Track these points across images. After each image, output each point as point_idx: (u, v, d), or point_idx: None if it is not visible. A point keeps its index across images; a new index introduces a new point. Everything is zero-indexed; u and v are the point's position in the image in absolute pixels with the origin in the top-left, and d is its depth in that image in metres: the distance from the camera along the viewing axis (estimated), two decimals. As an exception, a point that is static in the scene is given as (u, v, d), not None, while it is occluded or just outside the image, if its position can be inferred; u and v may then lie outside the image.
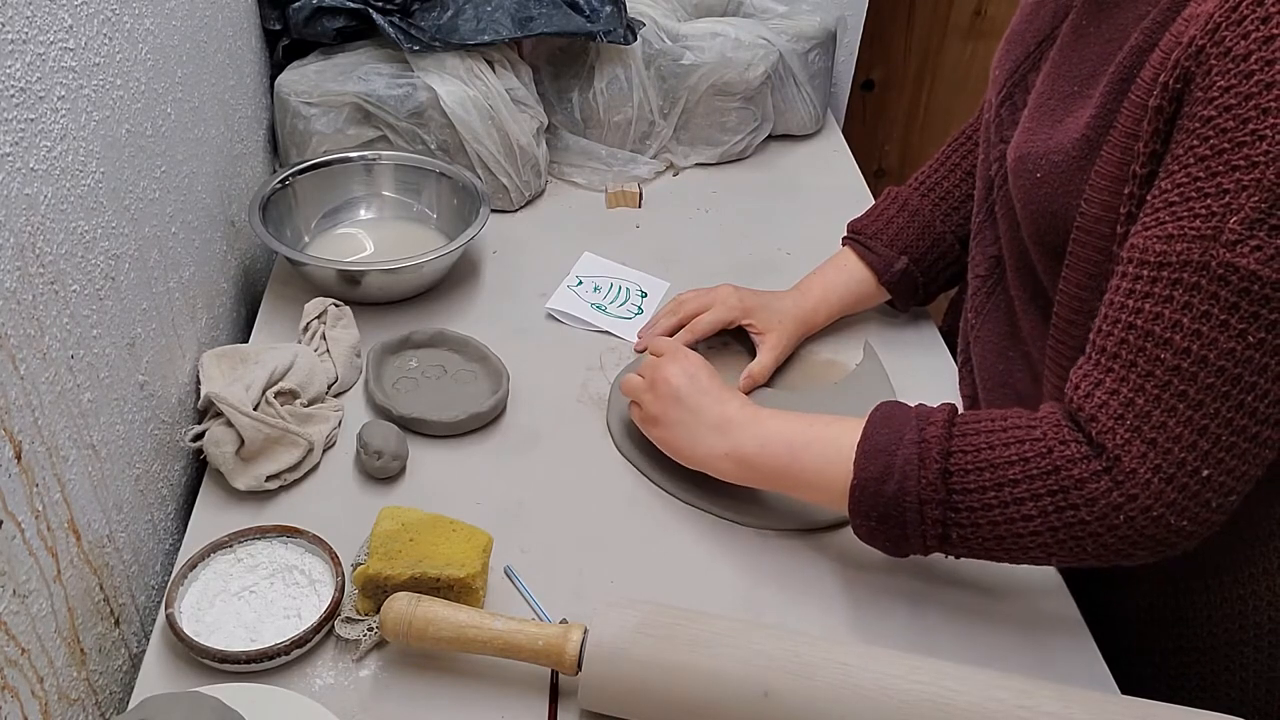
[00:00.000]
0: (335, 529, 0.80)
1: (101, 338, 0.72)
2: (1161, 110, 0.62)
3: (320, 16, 1.16)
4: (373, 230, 1.16)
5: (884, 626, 0.77)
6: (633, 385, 0.87)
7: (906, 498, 0.69)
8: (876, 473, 0.70)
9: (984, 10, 1.79)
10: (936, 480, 0.68)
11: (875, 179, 1.95)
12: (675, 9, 1.33)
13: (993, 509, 0.67)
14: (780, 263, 1.16)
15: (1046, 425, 0.67)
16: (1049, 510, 0.65)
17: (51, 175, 0.65)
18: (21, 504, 0.61)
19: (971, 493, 0.67)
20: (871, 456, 0.71)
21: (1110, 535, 0.64)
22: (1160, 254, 0.62)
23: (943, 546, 0.70)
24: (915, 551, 0.72)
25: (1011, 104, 0.82)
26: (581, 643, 0.68)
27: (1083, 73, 0.72)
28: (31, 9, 0.62)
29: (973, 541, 0.68)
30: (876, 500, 0.70)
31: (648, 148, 1.30)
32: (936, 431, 0.69)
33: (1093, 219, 0.69)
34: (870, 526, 0.72)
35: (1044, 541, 0.66)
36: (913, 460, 0.69)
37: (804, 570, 0.81)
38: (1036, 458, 0.66)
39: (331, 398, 0.94)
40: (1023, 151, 0.75)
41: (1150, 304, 0.62)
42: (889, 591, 0.80)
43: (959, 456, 0.68)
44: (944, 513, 0.68)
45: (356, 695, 0.71)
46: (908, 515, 0.69)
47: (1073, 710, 0.63)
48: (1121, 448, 0.63)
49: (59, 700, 0.66)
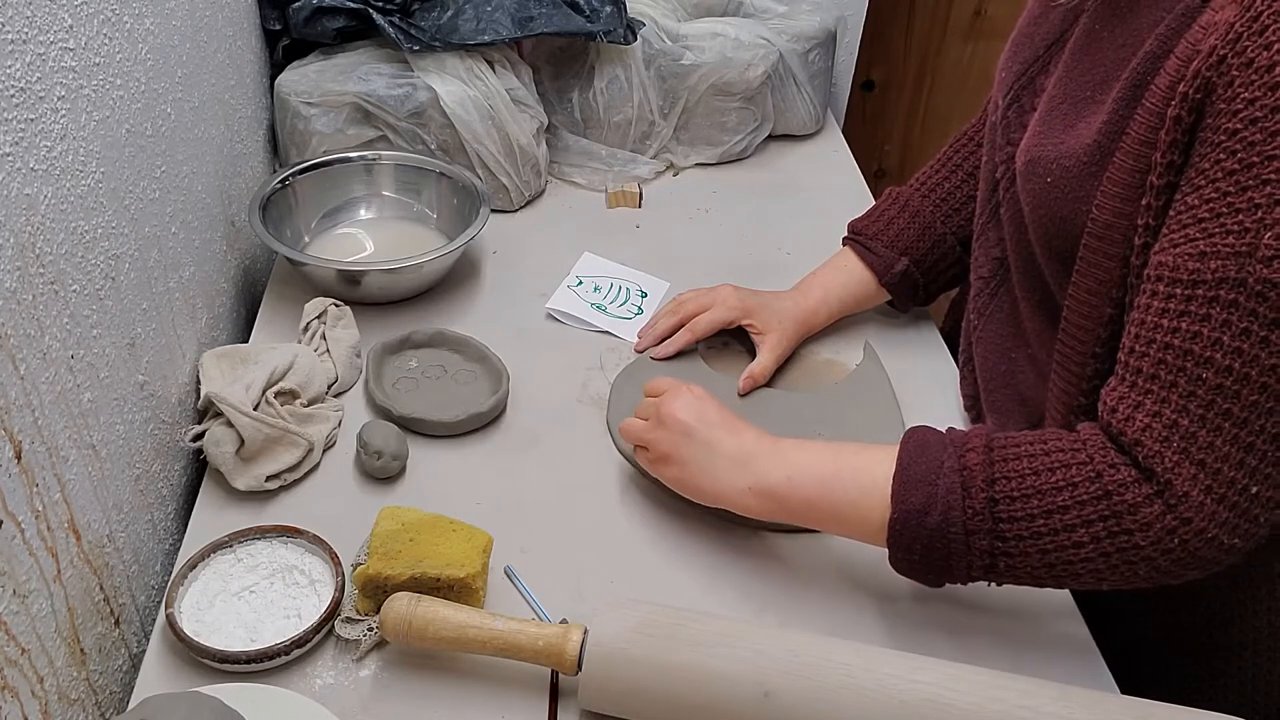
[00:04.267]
0: (335, 529, 0.80)
1: (101, 338, 0.72)
2: (1181, 120, 0.61)
3: (320, 16, 1.16)
4: (373, 230, 1.16)
5: (884, 626, 0.77)
6: (635, 428, 0.82)
7: (951, 529, 0.67)
8: (918, 505, 0.68)
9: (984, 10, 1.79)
10: (983, 510, 0.66)
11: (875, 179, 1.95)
12: (675, 9, 1.33)
13: (1042, 536, 0.65)
14: (780, 263, 1.16)
15: (1092, 449, 0.65)
16: (1101, 536, 0.64)
17: (51, 175, 0.65)
18: (21, 504, 0.61)
19: (1019, 521, 0.65)
20: (911, 488, 0.68)
21: (1164, 558, 0.63)
22: (1193, 272, 0.61)
23: (988, 576, 0.68)
24: (958, 581, 0.70)
25: (1019, 106, 0.82)
26: (581, 643, 0.68)
27: (1095, 77, 0.72)
28: (31, 9, 0.62)
29: (1021, 570, 0.67)
30: (919, 533, 0.68)
31: (648, 148, 1.30)
32: (977, 459, 0.67)
33: (1104, 225, 0.69)
34: (912, 560, 0.69)
35: (1096, 567, 0.65)
36: (956, 490, 0.67)
37: (804, 570, 0.81)
38: (1085, 483, 0.64)
39: (331, 398, 0.94)
40: (1033, 155, 0.75)
41: (1187, 323, 0.61)
42: (889, 592, 0.80)
43: (1003, 484, 0.66)
44: (991, 542, 0.66)
45: (356, 695, 0.71)
46: (953, 547, 0.67)
47: (1073, 710, 0.63)
48: (1171, 471, 0.62)
49: (59, 700, 0.66)
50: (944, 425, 0.94)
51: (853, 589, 0.80)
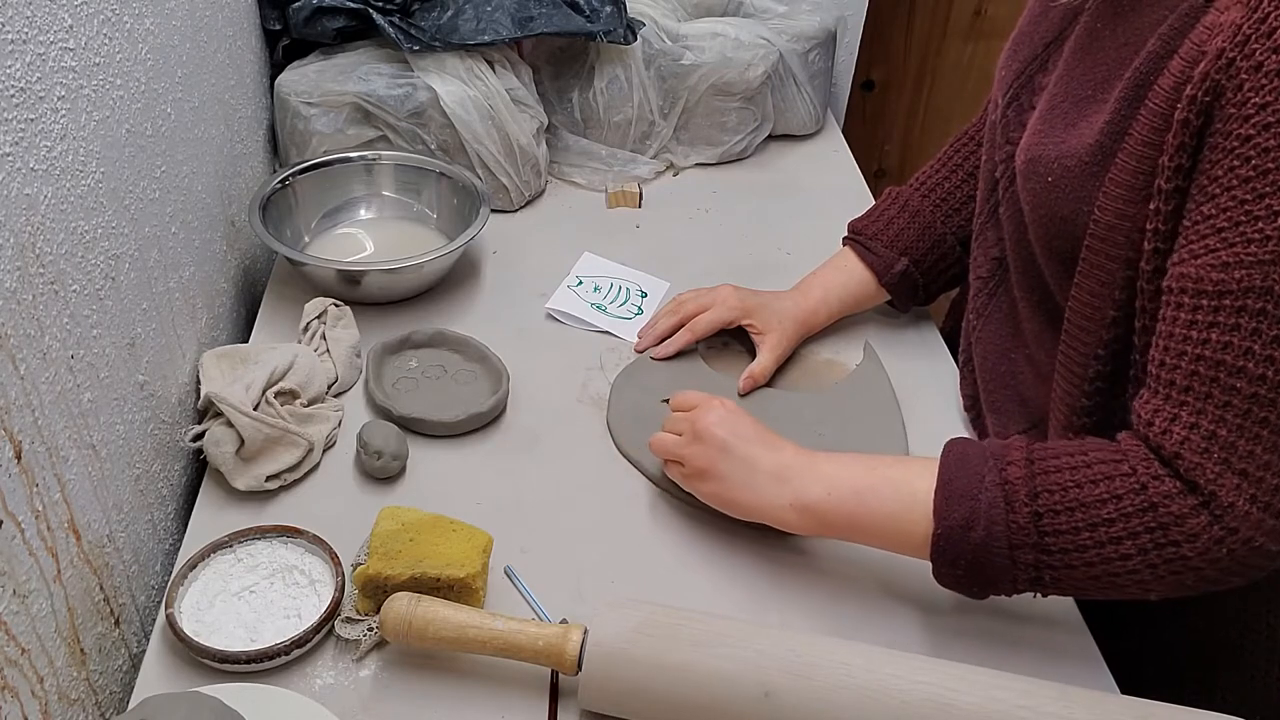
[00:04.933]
0: (335, 529, 0.80)
1: (101, 338, 0.72)
2: (1189, 124, 0.61)
3: (320, 16, 1.16)
4: (373, 230, 1.16)
5: (885, 626, 0.77)
6: (667, 443, 0.82)
7: (995, 543, 0.66)
8: (960, 519, 0.67)
9: (984, 10, 1.79)
10: (1028, 524, 0.66)
11: (875, 179, 1.95)
12: (675, 9, 1.33)
13: (1088, 549, 0.65)
14: (780, 263, 1.16)
15: (1135, 460, 0.65)
16: (1148, 548, 0.64)
17: (51, 175, 0.65)
18: (21, 504, 0.61)
19: (1064, 534, 0.65)
20: (953, 502, 0.68)
21: (1212, 568, 0.63)
22: (1218, 283, 0.61)
23: (1034, 588, 0.68)
24: (1003, 594, 0.69)
25: (1018, 105, 0.81)
26: (582, 643, 0.68)
27: (1096, 77, 0.72)
28: (31, 9, 0.62)
29: (1066, 582, 0.67)
30: (963, 548, 0.68)
31: (648, 148, 1.30)
32: (1018, 472, 0.67)
33: (1106, 226, 0.68)
34: (956, 575, 0.69)
35: (1142, 578, 0.65)
36: (999, 504, 0.67)
37: (805, 570, 0.81)
38: (1129, 495, 0.64)
39: (331, 398, 0.94)
40: (1033, 154, 0.75)
41: (1217, 334, 0.61)
42: (890, 591, 0.80)
43: (1046, 497, 0.66)
44: (1037, 556, 0.66)
45: (356, 695, 0.71)
46: (997, 561, 0.67)
47: (1074, 710, 0.63)
48: (1214, 482, 0.62)
49: (59, 700, 0.66)
50: (944, 425, 0.95)
51: (853, 589, 0.80)
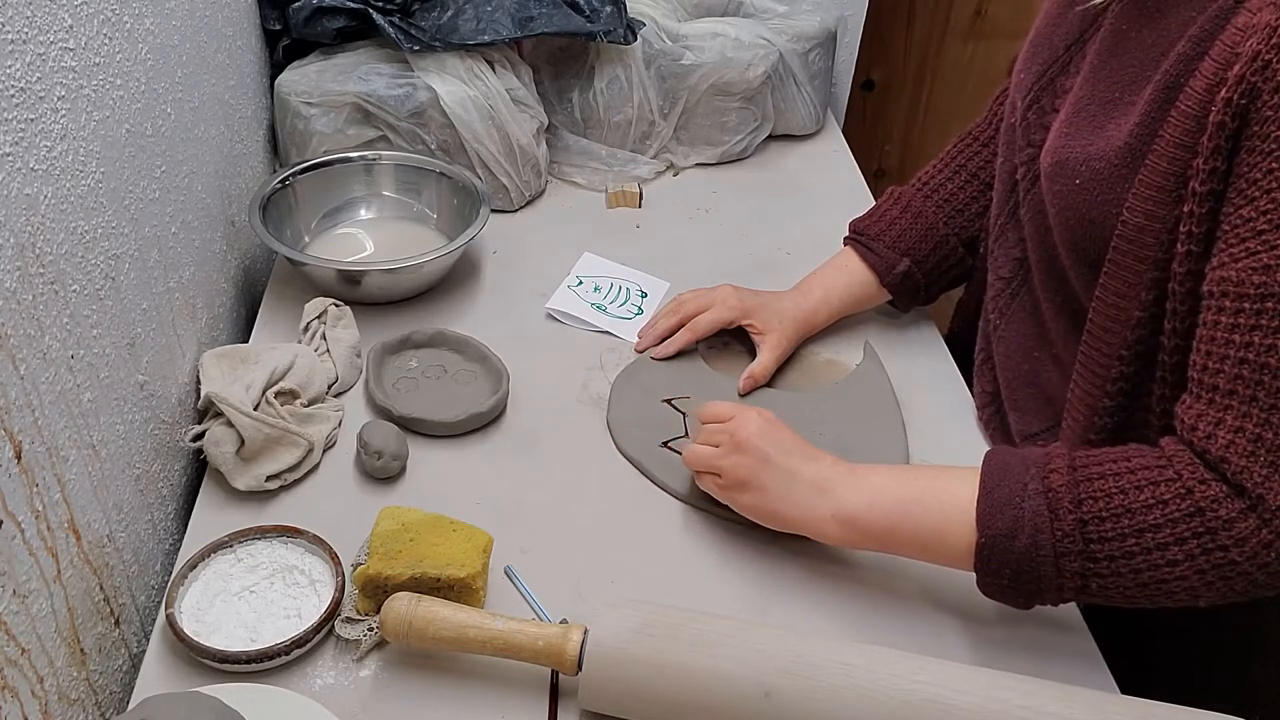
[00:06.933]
0: (335, 529, 0.80)
1: (101, 338, 0.72)
2: (1224, 126, 0.61)
3: (320, 16, 1.16)
4: (373, 230, 1.16)
5: (885, 627, 0.77)
6: (704, 455, 0.81)
7: (1040, 551, 0.66)
8: (1004, 528, 0.67)
9: (984, 10, 1.79)
10: (1073, 531, 0.65)
11: (875, 179, 1.95)
12: (675, 9, 1.33)
13: (1135, 556, 0.64)
14: (780, 263, 1.16)
15: (1179, 465, 0.65)
16: (1196, 553, 0.63)
17: (51, 175, 0.65)
18: (21, 504, 0.61)
19: (1110, 541, 0.65)
20: (996, 511, 0.68)
21: (1261, 573, 0.63)
22: (1260, 285, 0.61)
23: (1080, 597, 0.67)
24: (1048, 603, 0.69)
25: (1039, 108, 0.81)
26: (582, 643, 0.68)
27: (1124, 78, 0.71)
28: (31, 9, 0.62)
29: (1113, 590, 0.66)
30: (1008, 557, 0.67)
31: (648, 148, 1.30)
32: (1061, 479, 0.67)
33: (1135, 228, 0.68)
34: (1001, 585, 0.69)
35: (1191, 584, 0.64)
36: (1043, 512, 0.66)
37: (805, 570, 0.81)
38: (1175, 500, 0.64)
39: (331, 398, 0.94)
40: (1060, 156, 0.74)
41: (1259, 336, 0.61)
42: (890, 592, 0.80)
43: (1090, 504, 0.65)
44: (1083, 564, 0.65)
45: (356, 695, 0.71)
46: (1043, 570, 0.66)
47: (1075, 710, 0.63)
48: (1262, 485, 0.61)
49: (59, 700, 0.66)
50: (944, 425, 0.95)
51: (854, 589, 0.80)
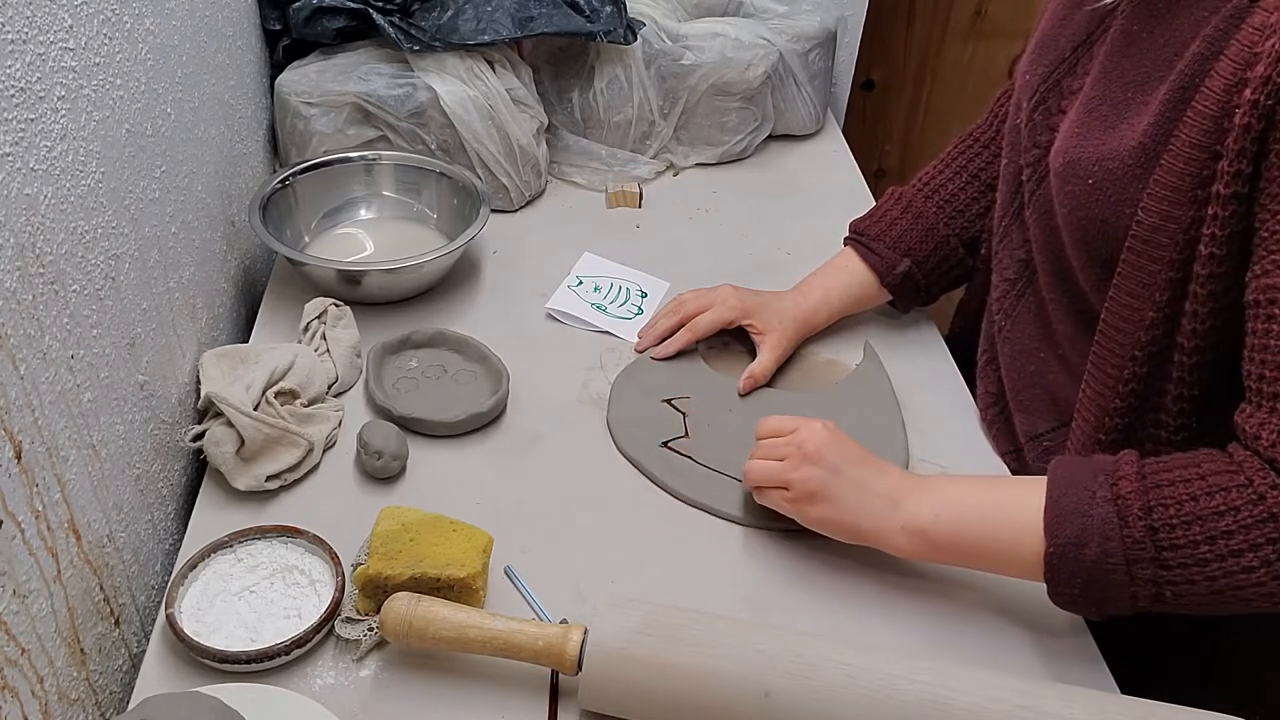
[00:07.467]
0: (335, 529, 0.80)
1: (101, 338, 0.72)
2: (1250, 129, 0.61)
3: (320, 16, 1.16)
4: (373, 230, 1.16)
5: (885, 626, 0.77)
6: (770, 470, 0.79)
7: (1111, 560, 0.65)
8: (1073, 537, 0.66)
9: (984, 10, 1.79)
10: (1143, 539, 0.65)
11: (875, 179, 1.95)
12: (675, 9, 1.33)
13: (1209, 563, 0.64)
14: (780, 263, 1.16)
15: (1250, 471, 0.64)
16: (1272, 559, 0.63)
17: (51, 175, 0.65)
18: (21, 504, 0.61)
19: (1182, 549, 0.64)
20: (1064, 520, 0.67)
21: None
22: None
23: (1155, 605, 0.66)
24: (1122, 612, 0.68)
25: (1045, 109, 0.81)
26: (582, 643, 0.68)
27: (1136, 79, 0.71)
28: (31, 9, 0.62)
29: (1188, 597, 0.65)
30: (1077, 566, 0.67)
31: (648, 148, 1.30)
32: (1130, 486, 0.66)
33: (1150, 229, 0.68)
34: (1071, 594, 0.68)
35: (1268, 590, 0.64)
36: (1112, 520, 0.66)
37: (804, 570, 0.81)
38: (1248, 506, 0.63)
39: (331, 398, 0.94)
40: (1072, 157, 0.74)
41: None
42: (890, 591, 0.80)
43: (1161, 511, 0.65)
44: (1155, 571, 0.65)
45: (356, 695, 0.71)
46: (1114, 578, 0.66)
47: (1074, 710, 0.63)
48: None
49: (59, 700, 0.66)
50: (944, 425, 0.95)
51: (853, 589, 0.80)
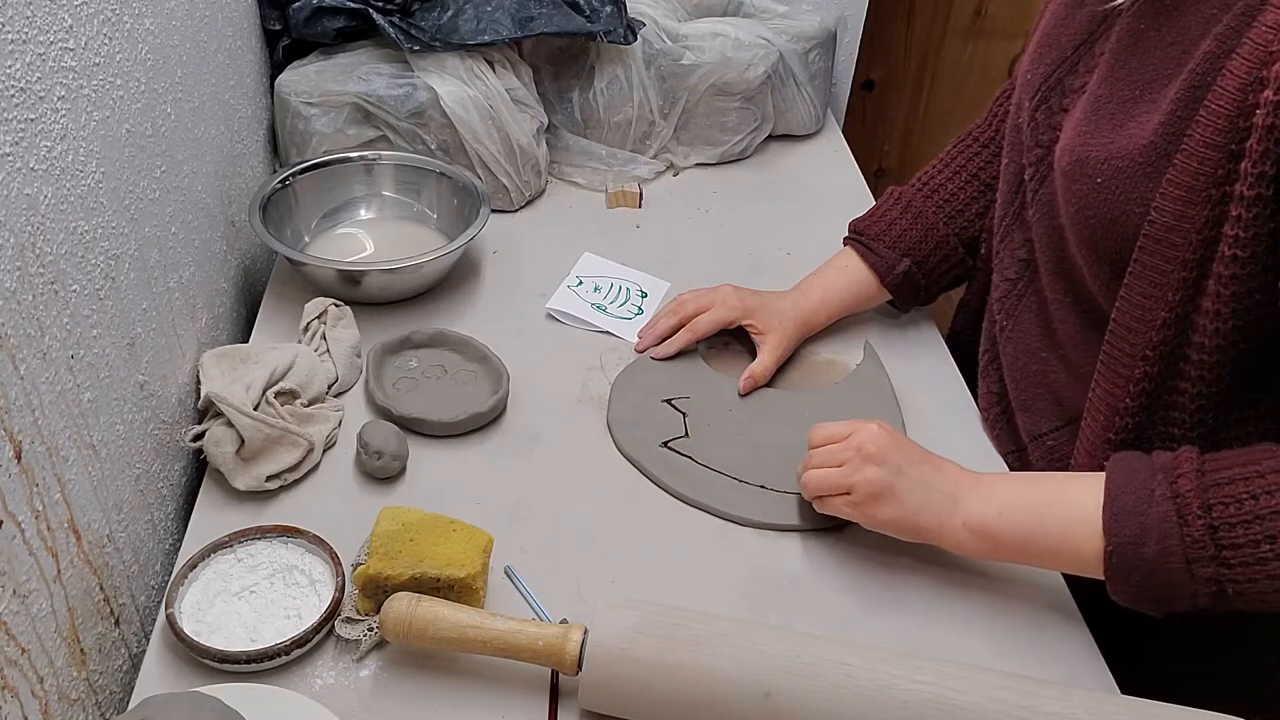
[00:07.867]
0: (335, 529, 0.80)
1: (101, 338, 0.72)
2: (1274, 129, 0.60)
3: (320, 16, 1.16)
4: (373, 230, 1.16)
5: (885, 626, 0.77)
6: (830, 477, 0.78)
7: (1170, 558, 0.65)
8: (1131, 536, 0.66)
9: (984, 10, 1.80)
10: (1203, 537, 0.64)
11: (875, 179, 1.95)
12: (675, 9, 1.33)
13: (1270, 561, 0.63)
14: (780, 263, 1.16)
15: None
16: None
17: (51, 175, 0.65)
18: (21, 504, 0.61)
19: (1243, 547, 0.64)
20: (1122, 518, 0.67)
21: None
22: None
23: (1217, 602, 0.66)
24: (1183, 609, 0.67)
25: (1047, 108, 0.81)
26: (582, 643, 0.68)
27: (1143, 77, 0.71)
28: (31, 9, 0.62)
29: (1251, 595, 0.65)
30: (1137, 564, 0.66)
31: (648, 148, 1.30)
32: (1189, 484, 0.66)
33: (1163, 228, 0.68)
34: (1131, 591, 0.68)
35: None
36: (1171, 518, 0.65)
37: (804, 570, 0.81)
38: None
39: (331, 398, 0.94)
40: (1079, 156, 0.74)
41: None
42: (890, 591, 0.80)
43: (1220, 509, 0.64)
44: (1216, 570, 0.64)
45: (356, 695, 0.71)
46: (1175, 577, 0.65)
47: (1074, 710, 0.63)
48: None
49: (59, 700, 0.66)
50: (944, 425, 0.95)
51: (853, 589, 0.80)
